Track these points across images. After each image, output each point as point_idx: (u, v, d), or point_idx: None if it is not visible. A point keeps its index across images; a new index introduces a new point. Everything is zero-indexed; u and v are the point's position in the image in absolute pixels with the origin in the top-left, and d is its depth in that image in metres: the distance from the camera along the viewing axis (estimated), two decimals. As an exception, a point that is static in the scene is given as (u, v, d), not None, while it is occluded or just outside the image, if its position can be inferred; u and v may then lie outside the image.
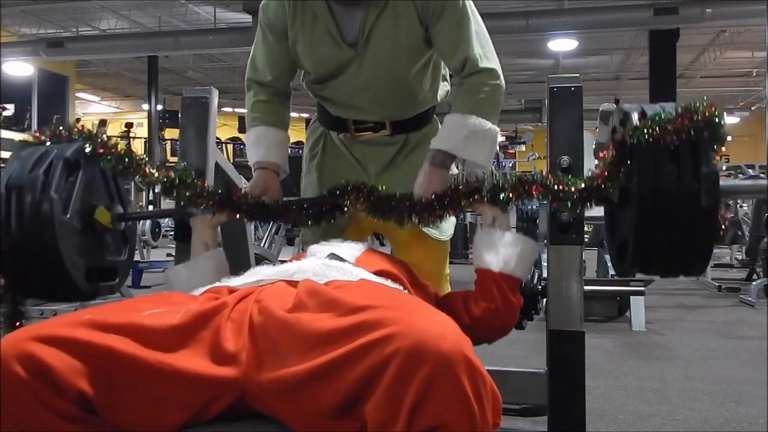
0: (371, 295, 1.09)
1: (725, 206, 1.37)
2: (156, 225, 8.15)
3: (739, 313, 5.45)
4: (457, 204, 1.54)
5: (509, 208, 1.53)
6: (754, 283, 6.11)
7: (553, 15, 10.57)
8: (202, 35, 11.94)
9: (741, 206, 9.29)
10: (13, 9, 11.38)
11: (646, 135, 1.33)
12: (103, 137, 1.64)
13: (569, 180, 1.45)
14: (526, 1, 10.76)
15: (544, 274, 1.63)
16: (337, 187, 1.66)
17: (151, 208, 11.92)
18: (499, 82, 1.68)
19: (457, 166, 1.81)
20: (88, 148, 1.60)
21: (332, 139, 1.96)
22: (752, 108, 18.48)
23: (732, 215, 8.16)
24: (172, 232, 1.82)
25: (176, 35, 12.11)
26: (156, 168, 1.67)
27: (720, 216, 1.33)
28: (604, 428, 2.43)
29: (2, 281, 1.55)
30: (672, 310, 5.38)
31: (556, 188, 1.44)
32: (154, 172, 1.66)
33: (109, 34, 13.10)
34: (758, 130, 14.95)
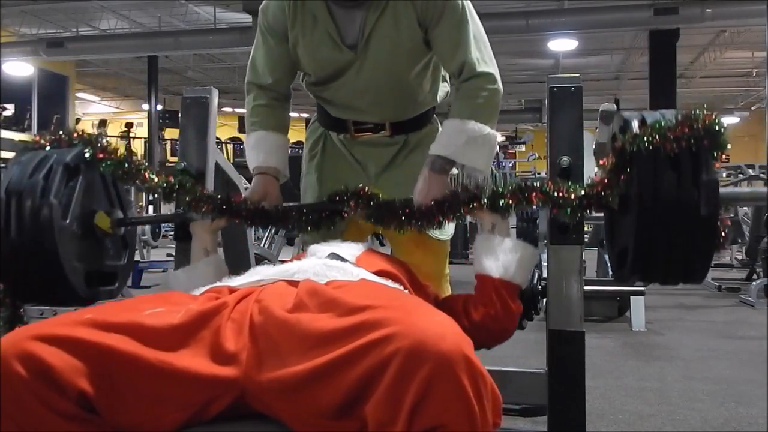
0: (371, 295, 1.09)
1: (726, 212, 1.37)
2: (156, 225, 8.16)
3: (739, 313, 5.45)
4: (457, 210, 1.55)
5: (509, 214, 1.53)
6: (754, 283, 6.11)
7: (553, 15, 10.57)
8: (202, 35, 11.94)
9: (741, 206, 9.30)
10: (13, 9, 11.37)
11: (646, 143, 1.33)
12: (103, 142, 1.64)
13: (569, 187, 1.45)
14: (526, 1, 10.76)
15: (544, 274, 1.63)
16: (337, 192, 1.66)
17: (151, 208, 11.94)
18: (496, 86, 1.69)
19: (456, 168, 1.82)
20: (88, 153, 1.60)
21: (332, 140, 1.96)
22: (752, 108, 18.47)
23: (732, 215, 8.16)
24: (172, 232, 1.82)
25: (176, 35, 12.11)
26: (155, 173, 1.67)
27: (720, 223, 1.32)
28: (604, 428, 2.42)
29: (2, 286, 1.55)
30: (672, 310, 5.38)
31: (556, 195, 1.45)
32: (154, 177, 1.66)
33: (109, 34, 13.10)
34: (758, 130, 14.93)
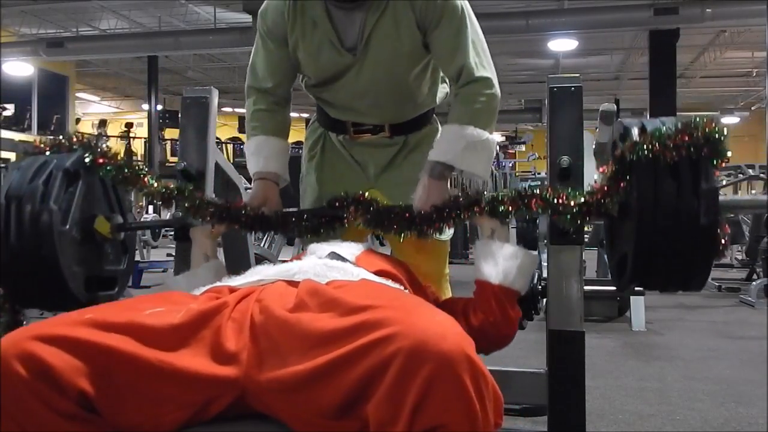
0: (372, 295, 1.09)
1: (726, 220, 1.37)
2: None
3: (739, 313, 5.45)
4: (457, 216, 1.55)
5: (508, 220, 1.53)
6: (754, 283, 6.11)
7: (553, 15, 10.58)
8: (202, 35, 11.95)
9: (741, 206, 9.28)
10: (13, 9, 11.38)
11: (646, 151, 1.32)
12: (103, 147, 1.64)
13: (569, 193, 1.45)
14: (526, 1, 10.76)
15: (544, 274, 1.63)
16: (337, 198, 1.66)
17: (151, 209, 11.93)
18: (494, 91, 1.69)
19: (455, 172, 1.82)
20: (88, 158, 1.60)
21: (331, 140, 1.96)
22: (752, 108, 18.47)
23: (732, 215, 8.16)
24: (172, 232, 1.82)
25: (176, 35, 12.12)
26: (155, 178, 1.67)
27: (720, 231, 1.32)
28: (604, 428, 2.42)
29: (1, 290, 1.55)
30: (672, 310, 5.38)
31: (556, 202, 1.45)
32: (153, 182, 1.66)
33: (109, 34, 13.10)
34: (758, 130, 14.93)
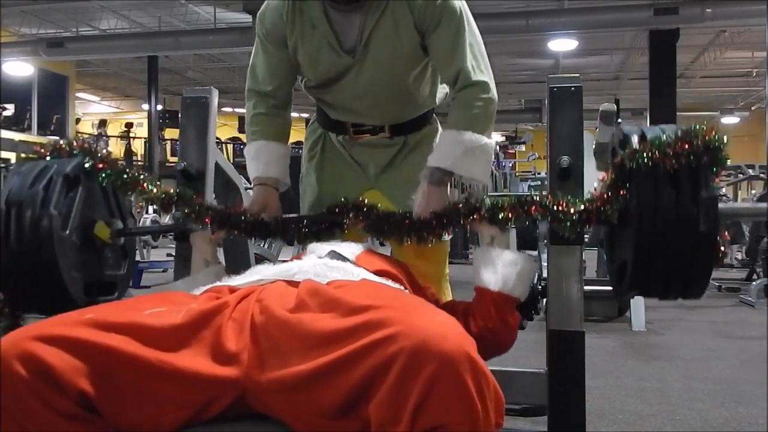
0: (373, 295, 1.09)
1: (726, 227, 1.37)
2: (156, 224, 8.15)
3: (739, 313, 5.45)
4: (456, 223, 1.56)
5: (508, 227, 1.53)
6: (754, 283, 6.11)
7: (553, 15, 10.58)
8: (202, 35, 11.94)
9: (741, 206, 9.29)
10: (13, 9, 11.38)
11: (646, 159, 1.33)
12: (103, 152, 1.64)
13: (569, 201, 1.46)
14: (526, 1, 10.77)
15: (544, 274, 1.63)
16: (337, 204, 1.67)
17: (151, 210, 11.93)
18: (491, 95, 1.69)
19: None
20: (88, 163, 1.61)
21: (331, 140, 1.96)
22: (752, 108, 18.47)
23: (732, 215, 8.15)
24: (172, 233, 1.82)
25: (176, 35, 12.12)
26: (155, 184, 1.67)
27: (720, 239, 1.32)
28: (604, 428, 2.42)
29: (1, 296, 1.55)
30: (672, 310, 5.38)
31: (555, 209, 1.45)
32: (153, 188, 1.67)
33: (109, 34, 13.10)
34: (758, 130, 14.92)
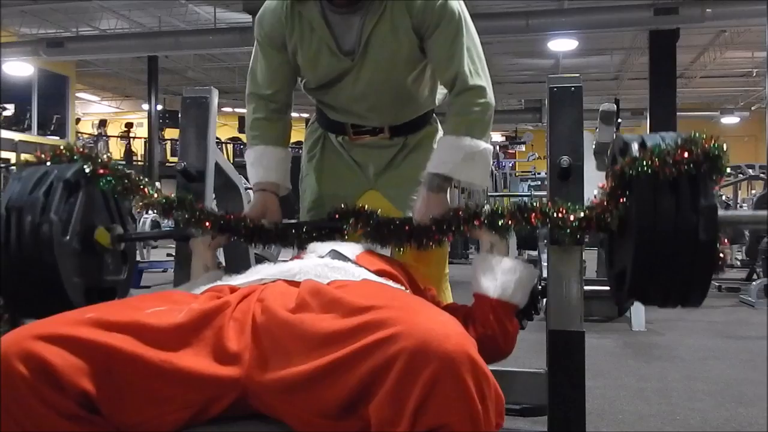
0: (374, 295, 1.09)
1: (725, 235, 1.37)
2: (156, 225, 8.14)
3: (739, 313, 5.45)
4: (456, 230, 1.56)
5: (508, 234, 1.54)
6: (754, 283, 6.10)
7: (553, 15, 10.57)
8: (202, 35, 11.93)
9: (741, 206, 9.30)
10: (13, 9, 11.38)
11: (646, 167, 1.33)
12: (104, 158, 1.65)
13: (568, 208, 1.46)
14: (526, 1, 10.77)
15: (544, 274, 1.63)
16: (337, 210, 1.67)
17: (151, 211, 11.94)
18: (488, 100, 1.69)
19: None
20: (88, 168, 1.61)
21: (331, 141, 1.96)
22: (752, 108, 18.47)
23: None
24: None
25: (176, 35, 12.11)
26: (155, 189, 1.68)
27: (719, 247, 1.33)
28: (604, 428, 2.42)
29: (1, 301, 1.55)
30: (672, 311, 5.33)
31: (555, 216, 1.46)
32: (153, 193, 1.67)
33: (109, 34, 13.10)
34: (758, 130, 14.94)
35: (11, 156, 10.33)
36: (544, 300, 1.61)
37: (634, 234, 1.35)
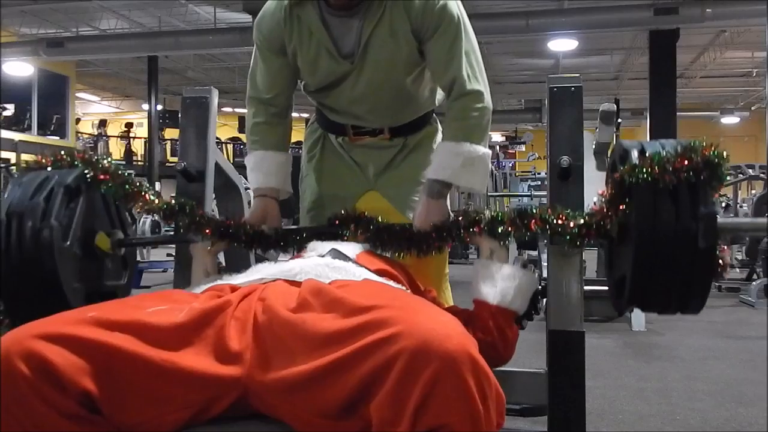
0: (375, 294, 1.09)
1: (725, 242, 1.37)
2: (156, 225, 8.13)
3: (739, 313, 5.45)
4: (456, 236, 1.56)
5: (508, 241, 1.54)
6: (754, 283, 6.11)
7: (553, 15, 10.57)
8: (202, 35, 11.93)
9: (741, 206, 9.30)
10: (13, 9, 11.37)
11: (645, 174, 1.33)
12: (104, 163, 1.65)
13: (568, 215, 1.46)
14: (526, 1, 10.76)
15: (544, 274, 1.63)
16: (337, 216, 1.67)
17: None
18: (485, 104, 1.69)
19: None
20: (89, 174, 1.61)
21: (330, 141, 1.96)
22: (752, 108, 18.46)
23: (732, 215, 8.16)
24: (172, 233, 1.83)
25: (176, 35, 12.11)
26: (156, 195, 1.68)
27: (719, 254, 1.33)
28: (604, 428, 2.43)
29: (2, 306, 1.55)
30: (672, 310, 5.38)
31: (555, 223, 1.46)
32: (155, 199, 1.67)
33: (109, 34, 13.09)
34: (758, 130, 14.94)
35: (11, 156, 10.33)
36: (544, 300, 1.61)
37: (634, 241, 1.35)
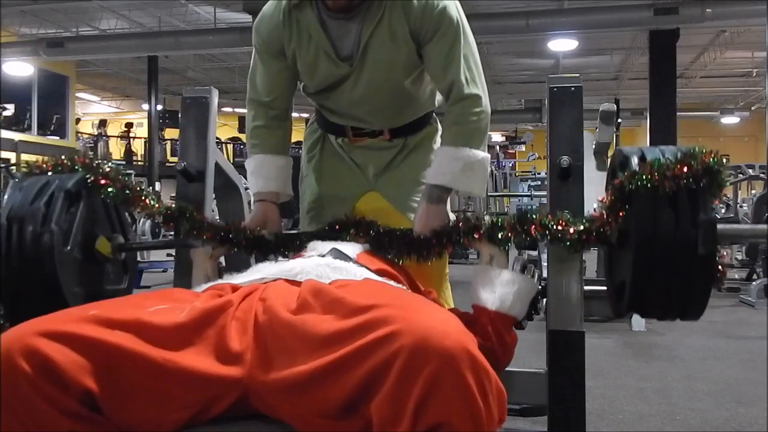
0: (375, 294, 1.09)
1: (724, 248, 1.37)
2: (156, 225, 8.13)
3: (739, 313, 5.45)
4: (456, 241, 1.57)
5: (507, 246, 1.54)
6: (754, 283, 6.11)
7: (553, 15, 10.58)
8: (202, 35, 11.94)
9: (741, 206, 9.30)
10: (13, 9, 11.37)
11: (645, 181, 1.33)
12: (104, 167, 1.65)
13: (568, 220, 1.47)
14: (526, 1, 10.76)
15: (544, 274, 1.63)
16: (337, 221, 1.68)
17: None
18: (483, 108, 1.69)
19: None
20: (89, 178, 1.61)
21: (330, 142, 1.96)
22: (752, 108, 18.46)
23: (732, 215, 8.16)
24: (172, 233, 1.83)
25: (176, 35, 12.12)
26: (156, 200, 1.69)
27: (719, 261, 1.33)
28: (604, 428, 2.43)
29: (2, 310, 1.55)
30: (672, 310, 5.37)
31: (555, 228, 1.46)
32: (155, 203, 1.68)
33: (109, 34, 13.09)
34: (758, 130, 14.94)
35: (11, 156, 10.34)
36: (544, 300, 1.61)
37: (634, 247, 1.35)
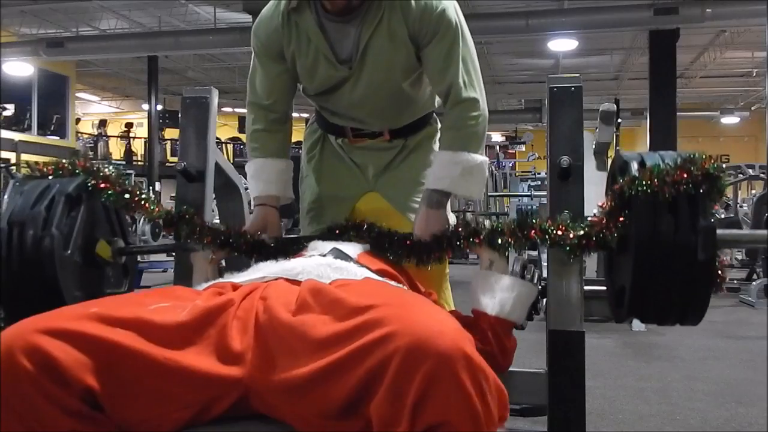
0: (374, 294, 1.09)
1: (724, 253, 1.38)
2: (156, 225, 8.12)
3: (739, 313, 5.45)
4: (456, 246, 1.57)
5: (507, 251, 1.54)
6: (754, 283, 6.11)
7: (553, 15, 10.58)
8: (202, 35, 11.93)
9: (741, 206, 9.30)
10: (13, 9, 11.37)
11: (645, 186, 1.33)
12: (105, 171, 1.65)
13: (568, 225, 1.47)
14: (526, 1, 10.77)
15: (544, 274, 1.63)
16: (337, 225, 1.68)
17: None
18: (481, 112, 1.69)
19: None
20: (90, 182, 1.61)
21: (330, 142, 1.96)
22: (752, 108, 18.46)
23: (732, 215, 8.16)
24: (173, 234, 1.83)
25: (176, 35, 12.12)
26: (156, 203, 1.69)
27: (719, 266, 1.33)
28: (604, 428, 2.43)
29: (2, 314, 1.55)
30: (672, 310, 5.37)
31: (555, 233, 1.46)
32: (155, 207, 1.68)
33: (109, 34, 13.09)
34: (758, 130, 14.94)
35: (11, 156, 10.33)
36: (544, 300, 1.61)
37: (633, 253, 1.35)
